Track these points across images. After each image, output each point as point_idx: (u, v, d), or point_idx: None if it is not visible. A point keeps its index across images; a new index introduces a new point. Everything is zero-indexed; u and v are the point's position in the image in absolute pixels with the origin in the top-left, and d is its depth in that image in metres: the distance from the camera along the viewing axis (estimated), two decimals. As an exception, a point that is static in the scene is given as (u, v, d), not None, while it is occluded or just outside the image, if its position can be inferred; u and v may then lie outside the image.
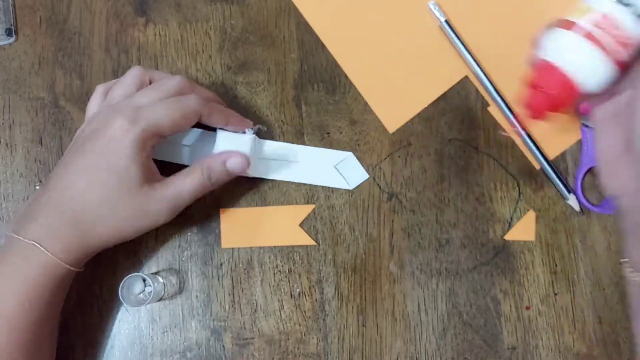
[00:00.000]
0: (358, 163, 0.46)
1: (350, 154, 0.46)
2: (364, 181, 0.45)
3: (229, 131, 0.43)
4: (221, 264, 0.44)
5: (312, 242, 0.44)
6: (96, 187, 0.38)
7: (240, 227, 0.45)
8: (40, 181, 0.46)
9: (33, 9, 0.48)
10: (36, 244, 0.36)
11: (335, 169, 0.45)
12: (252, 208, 0.45)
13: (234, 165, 0.41)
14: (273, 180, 0.46)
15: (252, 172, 0.44)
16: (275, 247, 0.45)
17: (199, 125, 0.42)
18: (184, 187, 0.40)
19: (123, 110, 0.38)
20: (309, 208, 0.45)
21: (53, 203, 0.38)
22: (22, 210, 0.39)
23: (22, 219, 0.39)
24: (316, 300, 0.44)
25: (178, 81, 0.41)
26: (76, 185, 0.38)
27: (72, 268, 0.38)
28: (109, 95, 0.41)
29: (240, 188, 0.45)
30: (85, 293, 0.44)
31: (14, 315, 0.36)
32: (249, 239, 0.45)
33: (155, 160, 0.41)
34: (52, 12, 0.48)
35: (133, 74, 0.41)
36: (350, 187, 0.45)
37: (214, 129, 0.44)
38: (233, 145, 0.43)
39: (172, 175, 0.40)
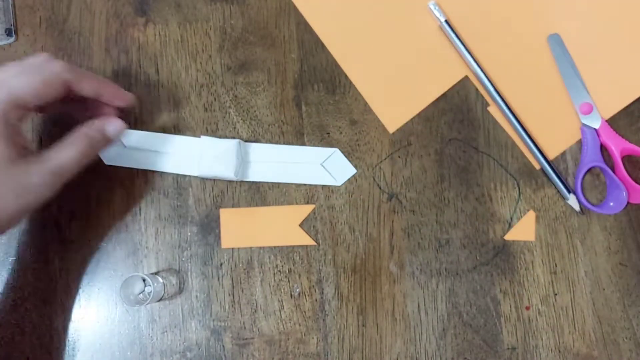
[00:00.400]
0: (345, 159, 0.46)
1: (336, 150, 0.46)
2: (352, 176, 0.46)
3: (211, 137, 0.44)
4: (221, 264, 0.44)
5: (312, 242, 0.44)
6: None
7: (240, 227, 0.45)
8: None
9: (33, 9, 0.48)
10: None
11: (322, 166, 0.45)
12: (251, 208, 0.45)
13: (114, 130, 0.41)
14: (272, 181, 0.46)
15: (240, 176, 0.44)
16: (275, 247, 0.45)
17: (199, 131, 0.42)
18: (65, 158, 0.38)
19: None
20: (309, 208, 0.45)
21: None
22: None
23: None
24: (316, 300, 0.44)
25: (41, 55, 0.38)
26: None
27: None
28: None
29: (240, 188, 0.45)
30: (85, 293, 0.44)
31: None
32: (249, 239, 0.45)
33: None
34: (52, 12, 0.48)
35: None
36: (338, 184, 0.45)
37: (197, 135, 0.45)
38: (218, 150, 0.43)
39: (49, 147, 0.39)
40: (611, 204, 0.45)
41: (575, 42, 0.47)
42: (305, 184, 0.45)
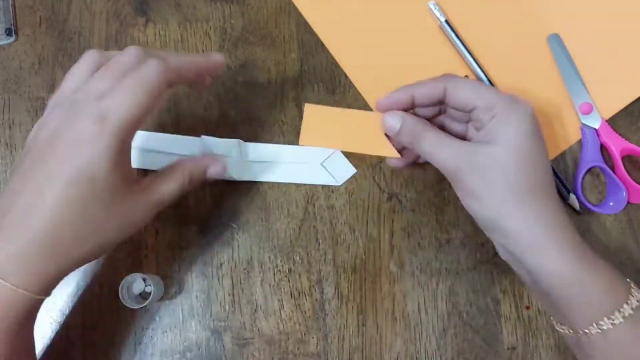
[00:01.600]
0: (345, 158, 0.46)
1: (336, 150, 0.45)
2: (352, 176, 0.45)
3: (212, 137, 0.43)
4: (221, 264, 0.44)
5: (397, 154, 0.40)
6: (69, 204, 0.32)
7: (322, 125, 0.40)
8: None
9: (33, 9, 0.48)
10: (3, 281, 0.31)
11: (322, 166, 0.45)
12: (338, 108, 0.40)
13: (215, 172, 0.40)
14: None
15: (239, 176, 0.44)
16: (275, 247, 0.45)
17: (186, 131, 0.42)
18: (167, 191, 0.37)
19: (84, 104, 0.32)
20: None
21: (17, 227, 0.31)
22: None
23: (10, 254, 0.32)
24: (316, 300, 0.44)
25: (131, 54, 0.35)
26: (43, 203, 0.31)
27: (42, 297, 0.33)
28: (61, 86, 0.35)
29: (240, 188, 0.45)
30: (85, 293, 0.44)
31: None
32: (331, 140, 0.41)
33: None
34: (52, 12, 0.48)
35: (87, 59, 0.35)
36: (338, 183, 0.45)
37: (197, 135, 0.44)
38: (218, 150, 0.43)
39: (148, 177, 0.37)
40: (611, 204, 0.45)
41: (575, 42, 0.47)
42: (305, 184, 0.45)
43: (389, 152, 0.40)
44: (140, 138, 0.45)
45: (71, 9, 0.48)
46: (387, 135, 0.40)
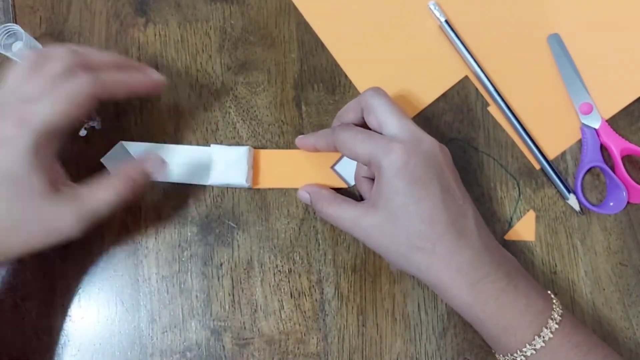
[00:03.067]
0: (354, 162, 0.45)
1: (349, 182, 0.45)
2: None
3: (222, 145, 0.44)
4: (221, 264, 0.44)
5: (344, 185, 0.45)
6: None
7: (274, 168, 0.45)
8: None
9: (33, 9, 0.48)
10: None
11: (332, 169, 0.45)
12: (286, 150, 0.46)
13: (155, 169, 0.39)
14: (273, 180, 0.46)
15: (250, 183, 0.44)
16: (275, 246, 0.45)
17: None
18: (101, 201, 0.36)
19: (10, 106, 0.34)
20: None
21: None
22: None
23: None
24: (316, 300, 0.44)
25: (63, 58, 0.36)
26: None
27: None
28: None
29: (239, 189, 0.45)
30: (86, 293, 0.44)
31: None
32: (282, 181, 0.45)
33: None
34: (52, 12, 0.48)
35: (27, 60, 0.36)
36: (350, 185, 0.45)
37: (207, 145, 0.44)
38: (229, 158, 0.44)
39: (83, 185, 0.37)
40: (611, 204, 0.45)
41: (575, 42, 0.47)
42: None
43: (339, 183, 0.45)
44: (149, 149, 0.45)
45: (71, 9, 0.48)
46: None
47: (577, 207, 0.45)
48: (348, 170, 0.45)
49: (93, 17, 0.48)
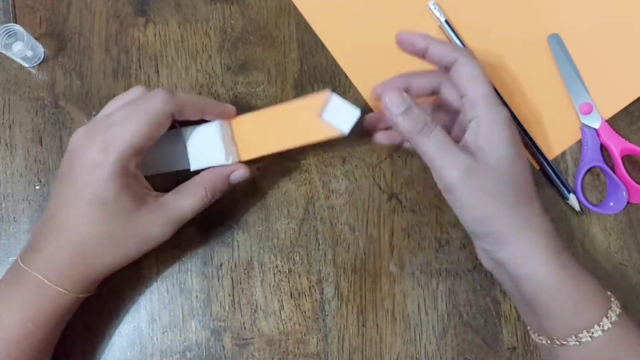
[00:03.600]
0: (343, 101, 0.39)
1: (331, 93, 0.39)
2: (357, 120, 0.38)
3: (192, 126, 0.42)
4: (221, 264, 0.44)
5: (338, 134, 0.38)
6: (91, 221, 0.37)
7: (255, 133, 0.42)
8: (40, 181, 0.46)
9: (33, 9, 0.48)
10: (42, 278, 0.36)
11: (322, 120, 0.39)
12: (262, 110, 0.41)
13: (238, 177, 0.41)
14: (272, 181, 0.46)
15: (234, 159, 0.42)
16: (275, 247, 0.45)
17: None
18: (185, 207, 0.39)
19: (95, 133, 0.37)
20: (324, 96, 0.39)
21: (54, 236, 0.37)
22: (31, 234, 0.39)
23: (29, 248, 0.38)
24: (316, 300, 0.44)
25: (141, 90, 0.40)
26: (71, 220, 0.37)
27: (79, 295, 0.38)
28: (100, 112, 0.41)
29: (239, 189, 0.45)
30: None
31: (19, 341, 0.36)
32: (268, 145, 0.41)
33: None
34: (52, 12, 0.48)
35: (129, 92, 0.40)
36: (346, 132, 0.38)
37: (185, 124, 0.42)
38: (203, 139, 0.41)
39: (168, 193, 0.40)
40: (611, 204, 0.45)
41: (575, 42, 0.47)
42: (304, 184, 0.45)
43: (333, 132, 0.38)
44: None
45: (71, 9, 0.48)
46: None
47: (577, 207, 0.45)
48: (339, 116, 0.39)
49: (93, 17, 0.48)
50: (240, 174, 0.41)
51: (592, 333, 0.34)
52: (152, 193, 0.40)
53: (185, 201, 0.39)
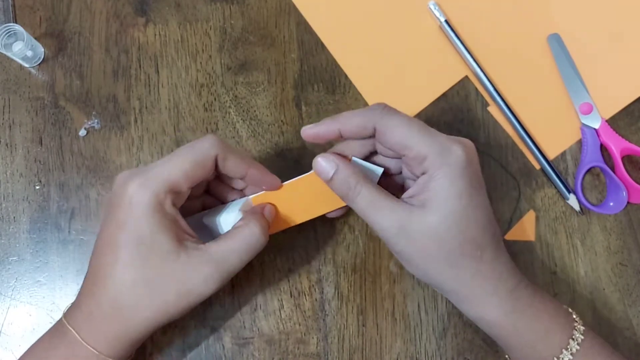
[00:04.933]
0: (364, 163, 0.38)
1: (352, 158, 0.38)
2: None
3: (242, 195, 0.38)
4: (221, 264, 0.44)
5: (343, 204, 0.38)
6: (126, 265, 0.33)
7: (279, 208, 0.39)
8: (40, 181, 0.45)
9: (33, 9, 0.48)
10: (75, 333, 0.34)
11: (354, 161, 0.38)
12: (286, 184, 0.38)
13: (270, 210, 0.38)
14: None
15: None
16: (275, 246, 0.45)
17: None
18: (233, 256, 0.34)
19: (137, 173, 0.35)
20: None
21: (89, 289, 0.35)
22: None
23: (75, 301, 0.36)
24: (316, 300, 0.44)
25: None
26: (105, 267, 0.34)
27: (107, 358, 0.34)
28: None
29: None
30: (85, 293, 0.44)
31: None
32: (292, 218, 0.39)
33: None
34: (52, 12, 0.48)
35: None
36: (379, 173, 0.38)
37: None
38: (229, 215, 0.38)
39: (213, 241, 0.35)
40: (611, 204, 0.45)
41: (575, 42, 0.47)
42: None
43: (340, 202, 0.38)
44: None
45: (71, 9, 0.48)
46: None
47: (577, 207, 0.45)
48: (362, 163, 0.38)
49: (93, 17, 0.48)
50: (269, 210, 0.38)
51: (562, 358, 0.35)
52: (192, 238, 0.35)
53: (230, 248, 0.35)
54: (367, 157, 0.39)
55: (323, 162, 0.36)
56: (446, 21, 0.47)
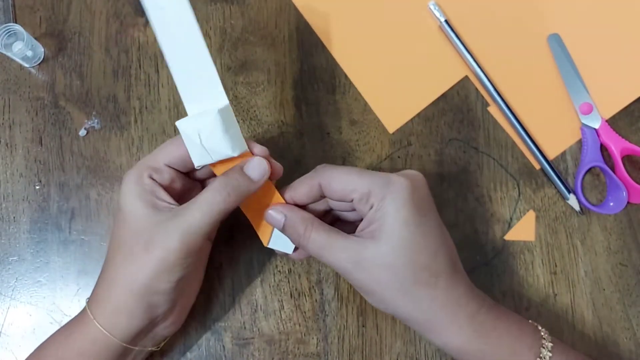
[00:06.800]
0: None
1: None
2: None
3: (187, 117, 0.36)
4: (221, 264, 0.44)
5: (265, 241, 0.39)
6: (113, 236, 0.37)
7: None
8: (40, 181, 0.46)
9: (33, 9, 0.48)
10: (110, 335, 0.35)
11: (269, 247, 0.40)
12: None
13: (253, 171, 0.36)
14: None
15: (241, 149, 0.36)
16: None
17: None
18: (195, 216, 0.34)
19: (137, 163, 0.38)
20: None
21: (103, 300, 0.36)
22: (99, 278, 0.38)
23: (96, 295, 0.37)
24: (316, 300, 0.44)
25: None
26: (116, 276, 0.36)
27: (123, 344, 0.36)
28: None
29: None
30: (86, 293, 0.44)
31: None
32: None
33: None
34: (52, 12, 0.48)
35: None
36: (290, 252, 0.39)
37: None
38: (202, 132, 0.35)
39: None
40: (611, 204, 0.45)
41: (575, 42, 0.47)
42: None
43: (262, 235, 0.39)
44: None
45: (71, 9, 0.48)
46: None
47: (577, 207, 0.45)
48: (283, 240, 0.39)
49: (93, 17, 0.48)
50: (254, 165, 0.36)
51: None
52: (173, 204, 0.36)
53: (195, 208, 0.35)
54: (327, 216, 0.40)
55: (273, 213, 0.37)
56: (446, 21, 0.47)
